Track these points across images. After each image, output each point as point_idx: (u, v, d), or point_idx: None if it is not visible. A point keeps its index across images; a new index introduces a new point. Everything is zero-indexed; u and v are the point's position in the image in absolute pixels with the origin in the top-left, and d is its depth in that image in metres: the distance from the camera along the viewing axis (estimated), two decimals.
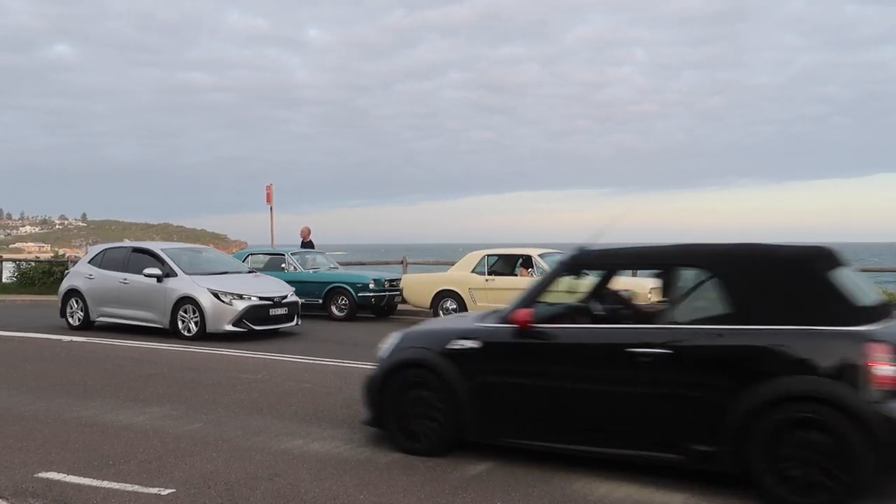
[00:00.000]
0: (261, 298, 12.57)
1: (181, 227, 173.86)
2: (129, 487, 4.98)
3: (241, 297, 12.41)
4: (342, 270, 16.84)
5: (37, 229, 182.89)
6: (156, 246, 13.68)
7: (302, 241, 18.50)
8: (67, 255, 26.96)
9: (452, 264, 15.75)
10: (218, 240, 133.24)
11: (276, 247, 18.99)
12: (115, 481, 5.09)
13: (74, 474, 5.24)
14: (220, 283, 12.66)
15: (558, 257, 12.04)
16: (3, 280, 24.51)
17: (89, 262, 13.97)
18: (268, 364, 9.86)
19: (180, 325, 12.38)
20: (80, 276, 13.88)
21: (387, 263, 21.62)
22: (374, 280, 15.69)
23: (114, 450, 5.85)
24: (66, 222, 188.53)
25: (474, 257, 14.86)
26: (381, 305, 15.81)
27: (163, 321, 12.59)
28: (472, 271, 14.64)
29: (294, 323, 13.13)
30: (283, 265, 16.27)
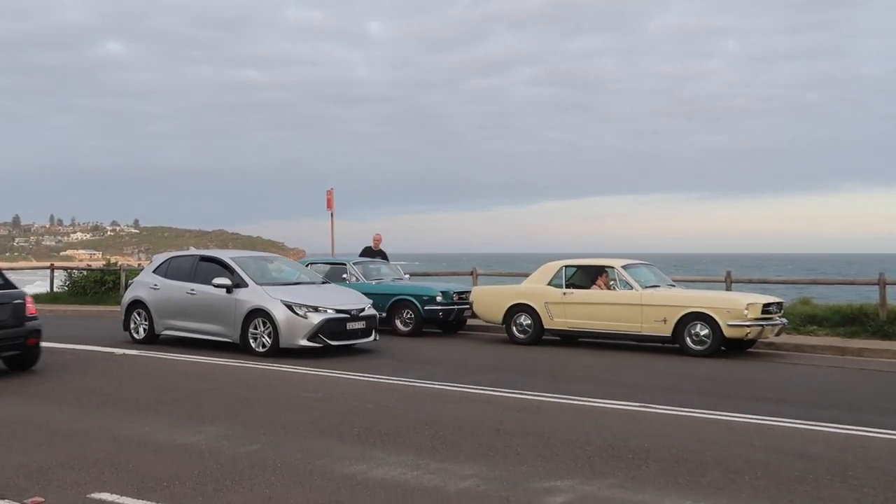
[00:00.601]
0: (337, 311, 12.47)
1: (236, 233, 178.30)
2: None
3: (316, 309, 12.34)
4: (407, 282, 16.89)
5: (88, 236, 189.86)
6: (224, 254, 13.79)
7: (368, 249, 18.51)
8: (120, 263, 27.79)
9: (526, 276, 15.61)
10: (275, 247, 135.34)
11: (337, 255, 19.16)
12: None
13: (128, 496, 5.37)
14: (293, 294, 12.65)
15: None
16: (55, 289, 25.50)
17: (154, 272, 14.17)
18: (327, 382, 9.98)
19: (251, 339, 12.42)
20: (145, 286, 14.08)
21: (455, 274, 21.65)
22: (442, 293, 15.63)
23: (168, 470, 5.99)
24: (117, 228, 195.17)
25: (551, 268, 14.64)
26: (450, 320, 15.83)
27: (233, 335, 12.68)
28: (549, 284, 14.39)
29: (372, 338, 13.03)
30: (345, 275, 16.36)
